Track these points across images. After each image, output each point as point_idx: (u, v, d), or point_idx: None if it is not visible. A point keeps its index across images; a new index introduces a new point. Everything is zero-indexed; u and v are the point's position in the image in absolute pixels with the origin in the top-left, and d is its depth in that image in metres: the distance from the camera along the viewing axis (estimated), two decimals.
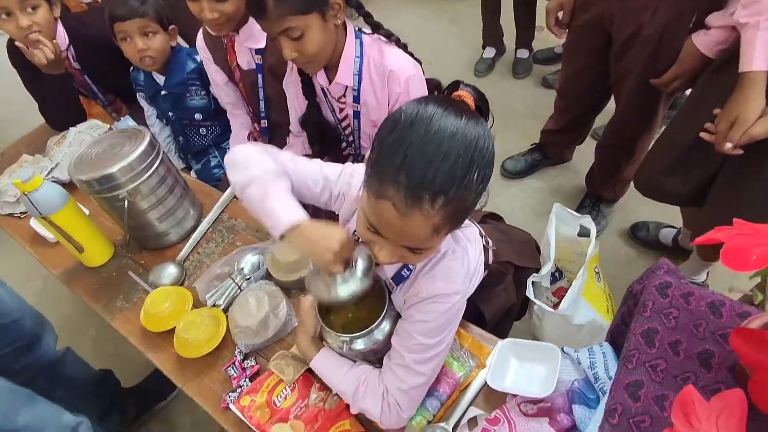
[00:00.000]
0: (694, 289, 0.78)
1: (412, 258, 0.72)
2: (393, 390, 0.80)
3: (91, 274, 1.26)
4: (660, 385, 0.70)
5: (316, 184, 0.88)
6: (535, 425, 0.81)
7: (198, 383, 1.00)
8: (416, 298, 0.79)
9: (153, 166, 1.15)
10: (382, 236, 0.68)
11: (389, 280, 0.86)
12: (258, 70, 1.35)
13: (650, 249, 1.83)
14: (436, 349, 0.79)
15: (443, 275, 0.79)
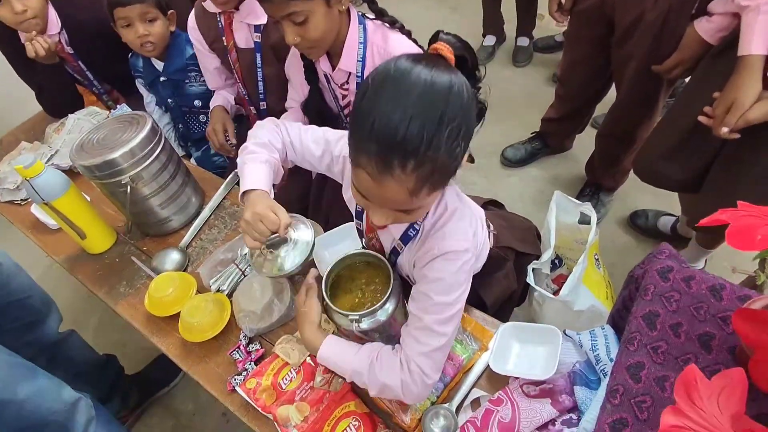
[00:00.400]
0: (695, 272, 0.79)
1: (405, 218, 0.72)
2: (414, 356, 0.77)
3: (94, 260, 1.26)
4: (661, 366, 0.71)
5: (318, 147, 0.94)
6: (537, 406, 0.83)
7: (203, 367, 1.01)
8: (428, 256, 0.78)
9: (155, 152, 1.15)
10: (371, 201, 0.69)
11: (397, 240, 0.86)
12: (257, 48, 1.32)
13: (649, 237, 1.85)
14: (454, 308, 0.78)
15: (453, 233, 0.79)
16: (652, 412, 0.67)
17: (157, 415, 1.67)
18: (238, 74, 1.42)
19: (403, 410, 0.88)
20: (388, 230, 0.88)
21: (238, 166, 0.94)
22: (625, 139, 1.68)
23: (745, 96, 0.99)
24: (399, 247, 0.87)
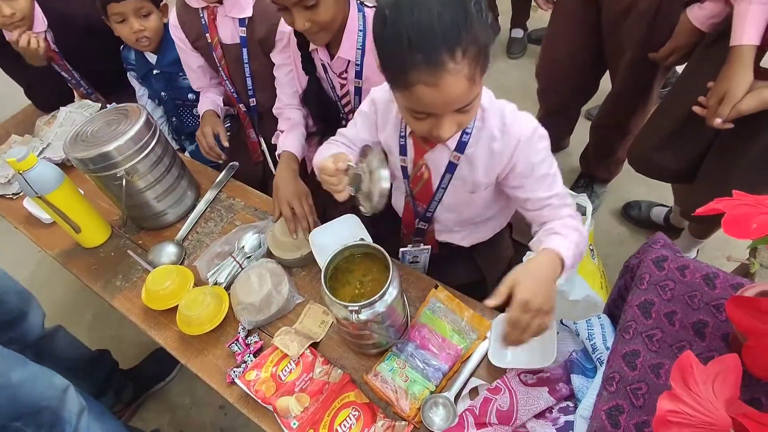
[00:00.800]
0: (689, 261, 0.80)
1: (466, 118, 0.76)
2: (573, 213, 0.90)
3: (89, 254, 1.26)
4: (656, 354, 0.72)
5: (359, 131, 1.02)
6: (534, 394, 0.84)
7: (201, 360, 1.01)
8: (511, 145, 0.86)
9: (150, 145, 1.14)
10: (433, 115, 0.73)
11: (453, 152, 0.90)
12: (242, 43, 1.30)
13: (642, 227, 1.87)
14: (560, 175, 0.91)
15: (517, 116, 0.87)
16: (647, 398, 0.68)
17: (153, 409, 1.67)
18: (224, 71, 1.39)
19: (402, 399, 0.89)
20: (439, 149, 0.91)
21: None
22: (620, 129, 1.69)
23: (737, 87, 1.00)
24: (456, 158, 0.90)
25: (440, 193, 0.99)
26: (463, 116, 0.75)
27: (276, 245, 1.13)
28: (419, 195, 1.03)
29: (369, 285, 0.90)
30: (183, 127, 1.69)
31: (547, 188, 0.88)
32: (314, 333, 1.01)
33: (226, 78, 1.40)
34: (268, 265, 1.08)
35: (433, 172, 0.97)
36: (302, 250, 1.11)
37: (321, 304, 1.07)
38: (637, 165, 1.46)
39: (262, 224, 1.20)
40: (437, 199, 1.00)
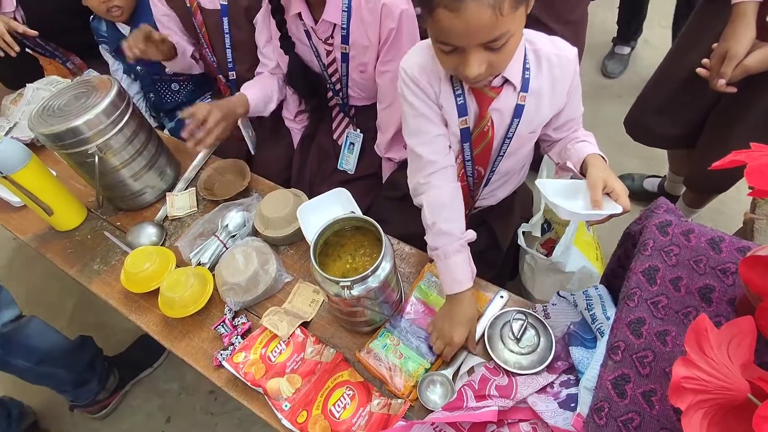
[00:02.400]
0: (693, 226, 0.77)
1: (499, 59, 0.72)
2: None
3: (64, 238, 1.19)
4: (662, 321, 0.69)
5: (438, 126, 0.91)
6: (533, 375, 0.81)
7: (187, 343, 0.96)
8: (569, 63, 0.86)
9: (123, 118, 1.07)
10: (460, 49, 0.69)
11: (520, 93, 0.86)
12: (223, 11, 1.22)
13: (636, 199, 1.84)
14: None
15: (566, 43, 0.87)
16: (654, 366, 0.65)
17: (141, 396, 1.63)
18: (205, 39, 1.31)
19: (396, 377, 0.86)
20: (505, 94, 0.86)
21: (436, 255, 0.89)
22: None
23: (739, 44, 0.96)
24: (522, 99, 0.87)
25: (506, 145, 0.93)
26: (494, 55, 0.70)
27: (262, 222, 1.08)
28: (479, 158, 0.95)
29: (361, 260, 0.86)
30: (161, 104, 1.61)
31: (579, 100, 0.93)
32: (304, 312, 0.97)
33: (207, 46, 1.32)
34: (253, 244, 1.03)
35: (502, 123, 0.90)
36: (290, 227, 1.06)
37: (311, 282, 1.02)
38: (634, 132, 1.42)
39: (247, 201, 1.14)
40: (502, 153, 0.95)
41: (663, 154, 1.98)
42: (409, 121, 0.90)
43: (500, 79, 0.85)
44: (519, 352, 0.86)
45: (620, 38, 2.32)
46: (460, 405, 0.80)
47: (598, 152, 0.87)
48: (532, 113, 0.90)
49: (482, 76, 0.73)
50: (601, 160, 0.86)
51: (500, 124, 0.90)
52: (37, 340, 1.31)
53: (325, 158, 1.35)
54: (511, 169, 1.04)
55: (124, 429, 1.57)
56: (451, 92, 0.87)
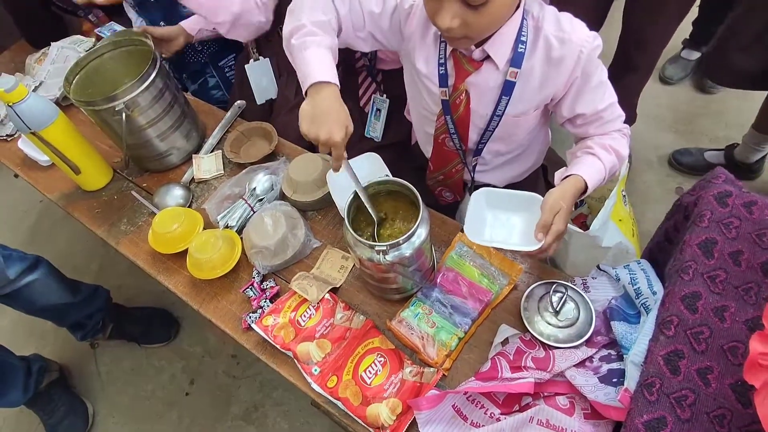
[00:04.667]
0: (757, 198, 0.72)
1: (477, 20, 0.69)
2: (622, 127, 0.89)
3: (91, 198, 1.18)
4: (719, 296, 0.65)
5: (378, 4, 0.86)
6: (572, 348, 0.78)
7: (215, 305, 0.96)
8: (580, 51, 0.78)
9: (150, 76, 1.04)
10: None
11: (510, 68, 0.81)
12: None
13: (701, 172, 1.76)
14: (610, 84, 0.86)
15: (581, 26, 0.80)
16: (710, 343, 0.62)
17: (165, 358, 1.65)
18: None
19: (429, 346, 0.84)
20: (485, 70, 0.83)
21: (294, 48, 0.80)
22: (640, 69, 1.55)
23: None
24: (513, 75, 0.82)
25: (495, 122, 0.89)
26: (471, 14, 0.68)
27: (290, 187, 1.05)
28: (458, 126, 0.93)
29: (395, 225, 0.82)
30: (184, 65, 1.56)
31: (601, 99, 0.83)
32: (333, 278, 0.95)
33: None
34: (282, 208, 1.01)
35: (481, 99, 0.87)
36: (319, 192, 1.03)
37: (339, 248, 1.00)
38: (713, 72, 1.41)
39: (274, 165, 1.11)
40: (491, 128, 0.91)
41: (700, 127, 1.90)
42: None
43: (481, 53, 0.81)
44: (556, 325, 0.83)
45: (692, 41, 2.00)
46: (495, 375, 0.77)
47: (588, 176, 0.80)
48: (518, 95, 0.84)
49: (455, 31, 0.70)
50: (575, 188, 0.80)
51: (479, 99, 0.87)
52: (38, 298, 1.33)
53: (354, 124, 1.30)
54: (509, 150, 0.99)
55: (148, 389, 1.60)
56: (435, 59, 0.87)
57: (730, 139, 1.75)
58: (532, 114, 0.88)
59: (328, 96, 0.75)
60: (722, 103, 1.92)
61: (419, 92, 0.97)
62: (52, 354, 1.65)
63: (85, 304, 1.47)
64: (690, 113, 1.95)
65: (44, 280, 1.33)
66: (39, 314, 1.40)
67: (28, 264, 1.28)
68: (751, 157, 1.62)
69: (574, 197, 0.79)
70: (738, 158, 1.65)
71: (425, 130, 1.03)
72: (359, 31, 0.90)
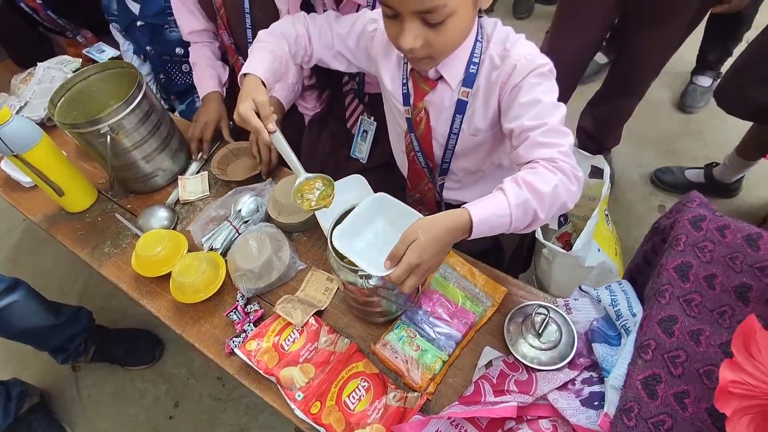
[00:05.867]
0: (729, 221, 0.74)
1: (437, 39, 0.70)
2: (557, 156, 0.70)
3: (74, 219, 1.17)
4: (695, 319, 0.67)
5: (345, 25, 0.94)
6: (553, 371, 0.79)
7: (198, 329, 0.95)
8: (515, 65, 0.76)
9: (136, 99, 1.04)
10: (398, 17, 0.69)
11: (461, 88, 0.83)
12: None
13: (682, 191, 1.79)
14: (561, 111, 0.74)
15: (525, 44, 0.79)
16: (686, 367, 0.63)
17: (149, 380, 1.63)
18: (222, 19, 1.27)
19: (413, 370, 0.84)
20: (440, 89, 0.85)
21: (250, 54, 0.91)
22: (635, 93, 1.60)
23: None
24: (464, 94, 0.83)
25: (453, 140, 0.91)
26: (432, 33, 0.69)
27: (275, 208, 1.05)
28: (422, 143, 0.95)
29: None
30: (171, 85, 1.58)
31: (533, 116, 0.73)
32: (318, 301, 0.95)
33: (224, 27, 1.28)
34: (267, 230, 1.01)
35: (439, 117, 0.89)
36: (304, 213, 1.03)
37: (324, 270, 1.00)
38: (729, 106, 1.39)
39: (259, 186, 1.12)
40: (450, 147, 0.92)
41: (681, 146, 1.95)
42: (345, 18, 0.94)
43: (435, 73, 0.84)
44: (539, 347, 0.83)
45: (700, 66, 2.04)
46: (478, 399, 0.77)
47: (477, 213, 0.66)
48: (471, 114, 0.86)
49: (417, 51, 0.72)
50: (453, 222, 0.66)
51: (437, 118, 0.89)
52: (17, 321, 1.30)
53: (338, 146, 1.31)
54: (479, 168, 0.98)
55: (131, 413, 1.57)
56: (399, 78, 0.90)
57: (710, 158, 1.79)
58: (490, 133, 0.88)
59: (248, 83, 0.84)
60: (701, 123, 1.97)
61: (390, 111, 1.01)
62: (33, 378, 1.61)
63: (67, 326, 1.44)
64: (671, 132, 2.00)
65: (24, 302, 1.31)
66: (19, 338, 1.37)
67: (5, 286, 1.26)
68: (731, 177, 1.66)
69: (448, 232, 0.65)
70: (717, 178, 1.70)
71: (400, 148, 1.05)
72: (329, 49, 0.97)
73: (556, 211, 0.71)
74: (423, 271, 0.65)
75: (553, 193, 0.67)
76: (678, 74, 2.14)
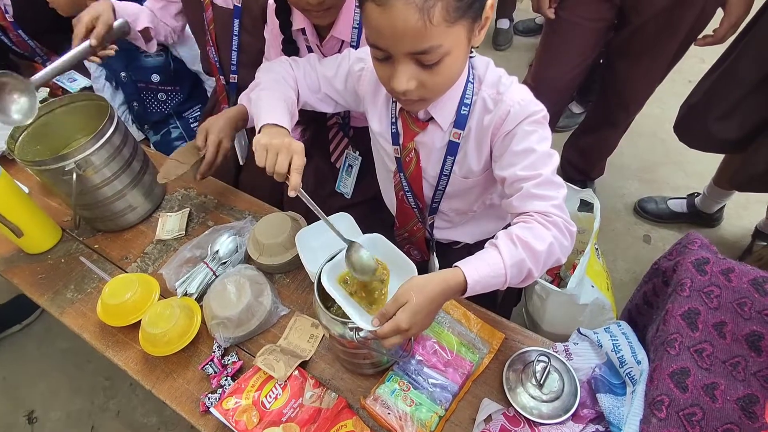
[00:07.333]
0: (733, 264, 0.71)
1: (432, 80, 0.67)
2: (550, 210, 0.68)
3: (34, 261, 1.08)
4: (708, 372, 0.63)
5: (332, 67, 0.92)
6: (557, 425, 0.74)
7: (170, 384, 0.86)
8: (509, 111, 0.74)
9: (106, 134, 0.97)
10: (390, 59, 0.66)
11: (453, 129, 0.80)
12: (236, 13, 1.14)
13: (665, 221, 1.81)
14: (555, 161, 0.73)
15: (519, 89, 0.76)
16: (704, 426, 0.58)
17: (116, 430, 1.50)
18: (211, 36, 1.23)
19: (408, 427, 0.77)
20: (430, 130, 0.82)
21: (252, 101, 0.87)
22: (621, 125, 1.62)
23: None
24: (456, 136, 0.80)
25: (444, 182, 0.87)
26: (425, 74, 0.66)
27: (256, 249, 0.99)
28: (411, 184, 0.91)
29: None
30: (146, 114, 1.51)
31: (527, 166, 0.71)
32: (302, 350, 0.88)
33: (212, 44, 1.23)
34: (246, 272, 0.94)
35: (430, 158, 0.86)
36: (287, 254, 0.97)
37: (309, 315, 0.93)
38: (691, 140, 1.40)
39: (239, 225, 1.05)
40: (441, 187, 0.88)
41: (662, 175, 1.97)
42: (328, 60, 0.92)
43: (425, 114, 0.82)
44: (540, 398, 0.78)
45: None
46: None
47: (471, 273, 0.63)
48: (462, 156, 0.83)
49: (412, 93, 0.68)
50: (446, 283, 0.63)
51: (427, 158, 0.87)
52: None
53: (323, 181, 1.27)
54: (471, 209, 0.95)
55: None
56: (387, 118, 0.87)
57: (691, 188, 1.81)
58: (482, 176, 0.85)
59: (280, 132, 0.78)
60: (681, 154, 2.00)
61: (378, 151, 0.98)
62: None
63: None
64: (652, 162, 2.03)
65: None
66: None
67: None
68: (712, 207, 1.68)
69: (442, 294, 0.63)
70: (699, 208, 1.71)
71: (388, 187, 1.01)
72: (316, 93, 0.94)
73: (548, 267, 0.70)
74: (412, 333, 0.63)
75: (548, 251, 0.66)
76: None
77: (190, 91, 1.49)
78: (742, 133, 1.26)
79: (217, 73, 1.29)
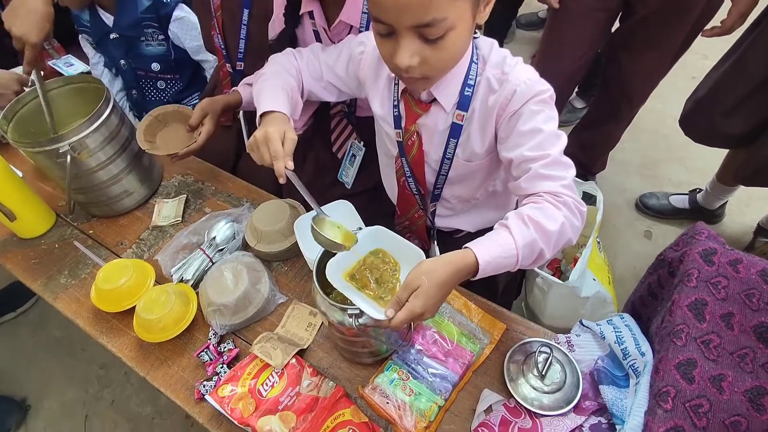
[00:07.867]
0: (741, 255, 0.70)
1: (435, 55, 0.65)
2: (559, 190, 0.67)
3: (27, 246, 1.06)
4: (715, 363, 0.61)
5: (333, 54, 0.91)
6: (558, 417, 0.72)
7: (165, 372, 0.85)
8: (515, 90, 0.72)
9: (102, 115, 0.95)
10: (394, 35, 0.64)
11: (456, 111, 0.79)
12: (246, 3, 1.11)
13: (667, 217, 1.79)
14: (563, 141, 0.72)
15: (524, 69, 0.74)
16: (710, 418, 0.57)
17: (109, 419, 1.48)
18: (218, 22, 1.19)
19: (406, 417, 0.76)
20: (433, 112, 0.80)
21: (254, 93, 0.89)
22: (623, 118, 1.61)
23: None
24: (459, 118, 0.78)
25: (446, 166, 0.85)
26: (429, 49, 0.64)
27: (254, 236, 0.97)
28: (414, 171, 0.90)
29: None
30: (145, 102, 1.49)
31: (534, 147, 0.70)
32: (300, 338, 0.87)
33: (218, 31, 1.19)
34: (244, 259, 0.92)
35: (432, 140, 0.84)
36: (285, 242, 0.95)
37: (307, 303, 0.92)
38: (697, 135, 1.39)
39: (236, 212, 1.04)
40: (444, 172, 0.87)
41: (664, 171, 1.96)
42: (331, 48, 0.92)
43: (428, 95, 0.80)
44: (541, 389, 0.77)
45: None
46: None
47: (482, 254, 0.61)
48: (466, 138, 0.82)
49: (414, 70, 0.66)
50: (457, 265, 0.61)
51: (430, 141, 0.85)
52: None
53: (323, 170, 1.25)
54: (473, 196, 0.94)
55: None
56: (389, 100, 0.86)
57: (692, 184, 1.80)
58: (486, 159, 0.83)
59: (275, 119, 0.80)
60: (683, 150, 1.99)
61: (380, 135, 0.96)
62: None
63: None
64: (653, 158, 2.02)
65: None
66: None
67: None
68: (714, 203, 1.67)
69: (454, 276, 0.61)
70: (701, 204, 1.70)
71: (389, 174, 0.99)
72: (319, 81, 0.94)
73: (560, 248, 0.69)
74: (426, 317, 0.62)
75: (560, 231, 0.65)
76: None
77: (189, 80, 1.47)
78: (748, 128, 1.25)
79: (222, 59, 1.26)
